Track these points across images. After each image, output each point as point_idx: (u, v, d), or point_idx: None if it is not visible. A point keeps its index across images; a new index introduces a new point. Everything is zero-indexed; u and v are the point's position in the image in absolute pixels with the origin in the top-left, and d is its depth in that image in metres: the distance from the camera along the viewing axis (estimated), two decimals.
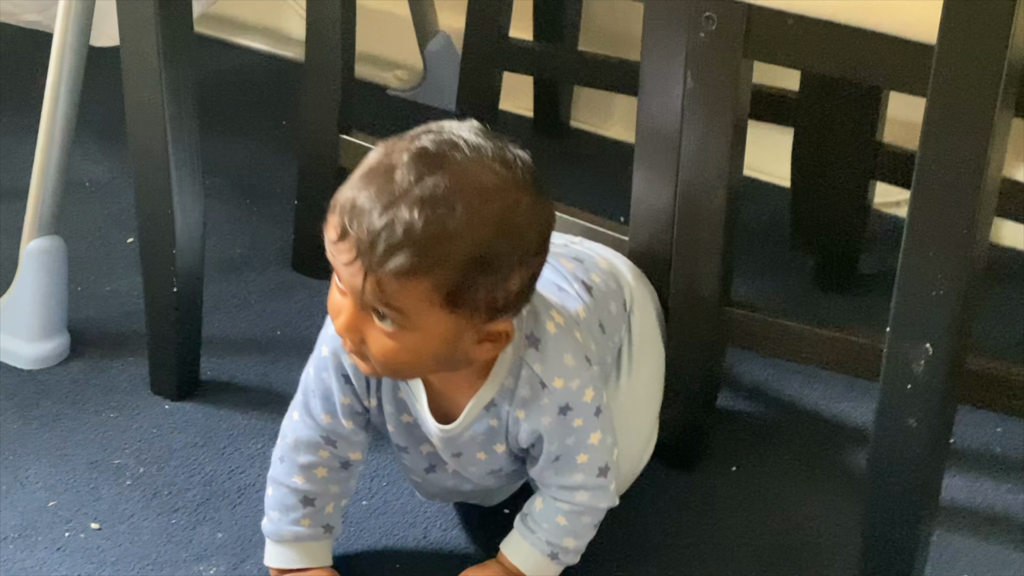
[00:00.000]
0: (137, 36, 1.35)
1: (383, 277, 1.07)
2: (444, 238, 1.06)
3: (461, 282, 1.08)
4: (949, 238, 1.08)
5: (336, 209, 1.09)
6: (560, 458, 1.21)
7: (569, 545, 1.26)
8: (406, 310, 1.09)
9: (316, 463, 1.25)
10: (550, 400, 1.18)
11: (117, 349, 1.55)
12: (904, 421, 1.15)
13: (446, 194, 1.06)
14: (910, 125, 1.68)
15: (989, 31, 1.02)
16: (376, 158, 1.10)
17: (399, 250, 1.06)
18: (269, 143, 1.93)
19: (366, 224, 1.06)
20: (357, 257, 1.07)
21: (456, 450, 1.23)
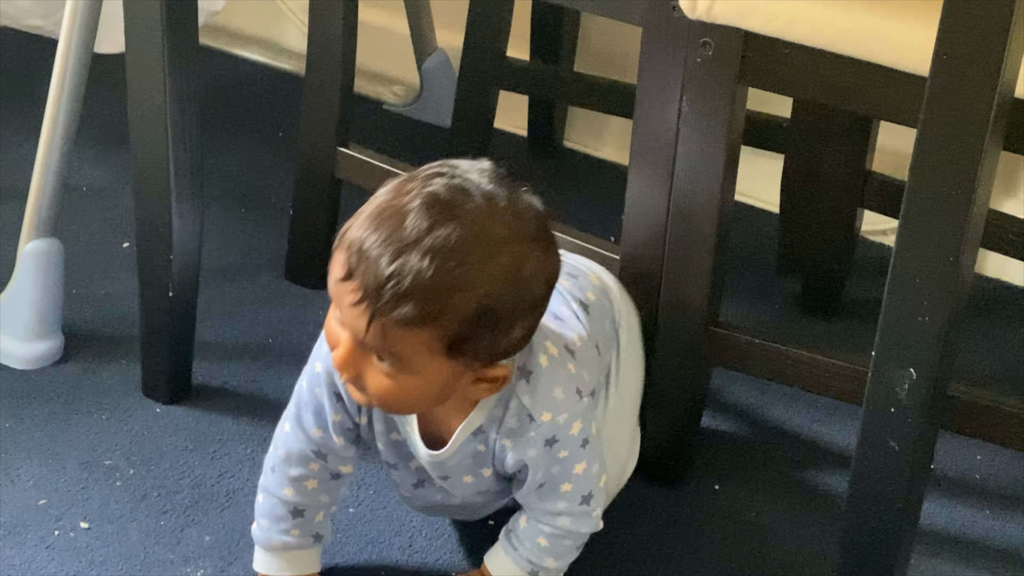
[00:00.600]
0: (143, 43, 1.37)
1: (387, 323, 1.07)
2: (452, 290, 1.07)
3: (465, 333, 1.09)
4: (935, 265, 1.10)
5: (344, 247, 1.09)
6: (544, 485, 1.22)
7: (550, 565, 1.27)
8: (406, 357, 1.09)
9: (306, 475, 1.26)
10: (536, 433, 1.19)
11: (110, 352, 1.56)
12: (886, 444, 1.17)
13: (457, 246, 1.06)
14: (899, 155, 1.71)
15: (981, 65, 1.04)
16: (387, 199, 1.10)
17: (406, 300, 1.06)
18: (265, 153, 1.95)
19: (374, 270, 1.06)
20: (362, 300, 1.07)
21: (444, 473, 1.24)
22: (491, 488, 1.26)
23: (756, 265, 1.78)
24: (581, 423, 1.20)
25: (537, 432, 1.19)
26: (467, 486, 1.25)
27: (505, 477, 1.25)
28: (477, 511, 1.34)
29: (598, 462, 1.24)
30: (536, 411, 1.18)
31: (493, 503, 1.32)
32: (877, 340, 1.15)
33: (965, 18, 1.04)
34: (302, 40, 2.12)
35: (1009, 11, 1.02)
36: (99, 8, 1.49)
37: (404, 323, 1.07)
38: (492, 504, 1.32)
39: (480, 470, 1.23)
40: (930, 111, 1.07)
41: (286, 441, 1.26)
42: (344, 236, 1.10)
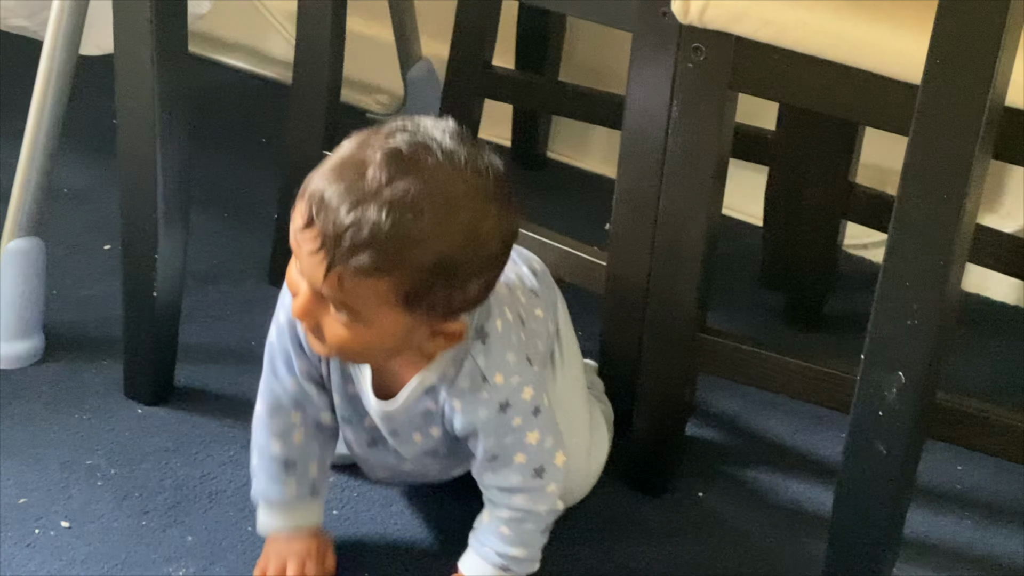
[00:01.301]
0: (132, 43, 1.36)
1: (344, 273, 1.09)
2: (408, 243, 1.08)
3: (420, 285, 1.10)
4: (926, 270, 1.11)
5: (305, 196, 1.11)
6: (498, 457, 1.22)
7: (518, 554, 1.26)
8: (361, 308, 1.11)
9: (291, 427, 1.27)
10: (489, 395, 1.20)
11: (91, 353, 1.55)
12: (874, 447, 1.18)
13: (415, 200, 1.08)
14: (882, 169, 1.72)
15: (973, 73, 1.05)
16: (349, 151, 1.11)
17: (363, 249, 1.08)
18: (249, 160, 1.95)
19: (333, 218, 1.08)
20: (320, 248, 1.09)
21: (393, 427, 1.25)
22: (440, 450, 1.27)
23: (739, 278, 1.79)
24: (533, 390, 1.21)
25: (490, 394, 1.20)
26: (417, 445, 1.26)
27: (455, 439, 1.25)
28: (431, 476, 1.33)
29: (551, 436, 1.24)
30: (489, 372, 1.19)
31: (448, 468, 1.31)
32: (867, 344, 1.15)
33: (957, 26, 1.05)
34: (286, 48, 2.13)
35: (1001, 19, 1.03)
36: (85, 9, 1.49)
37: (360, 273, 1.08)
38: (447, 470, 1.32)
39: (429, 429, 1.24)
40: (922, 118, 1.08)
41: (264, 396, 1.28)
42: (306, 186, 1.11)
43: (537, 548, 1.28)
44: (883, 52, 1.20)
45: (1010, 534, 1.45)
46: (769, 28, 1.23)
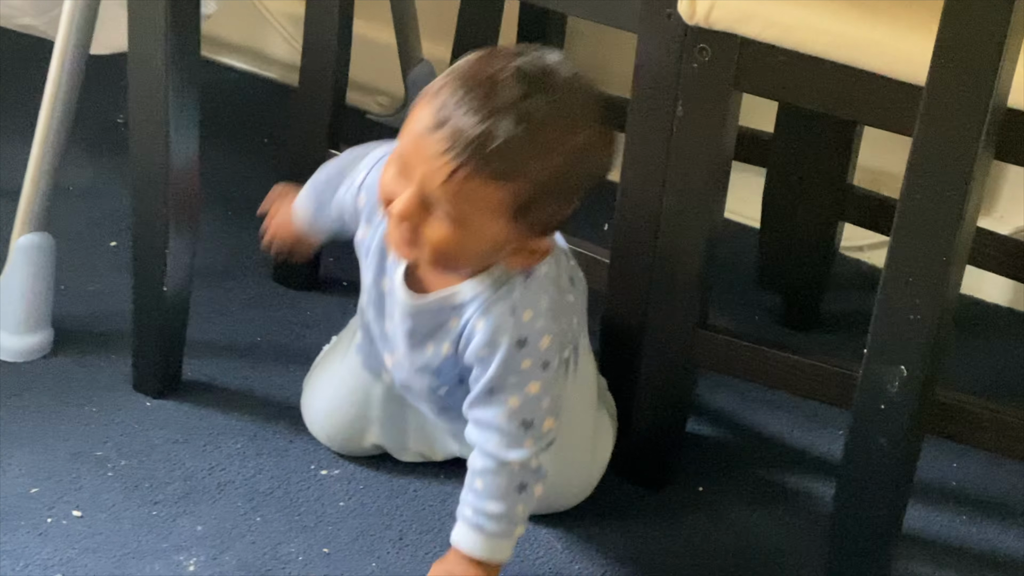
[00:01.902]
0: (146, 43, 1.38)
1: (468, 177, 1.15)
2: (534, 154, 1.16)
3: (533, 198, 1.17)
4: (928, 266, 1.14)
5: (434, 100, 1.16)
6: (494, 392, 1.25)
7: (493, 510, 1.25)
8: (471, 213, 1.17)
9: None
10: (513, 327, 1.24)
11: (100, 347, 1.57)
12: (875, 440, 1.20)
13: (544, 115, 1.16)
14: (879, 171, 1.75)
15: (976, 74, 1.08)
16: (475, 67, 1.17)
17: (493, 156, 1.14)
18: (251, 159, 1.96)
19: (468, 124, 1.14)
20: (449, 151, 1.14)
21: (412, 327, 1.28)
22: (441, 372, 1.30)
23: (735, 279, 1.81)
24: (551, 341, 1.25)
25: (514, 327, 1.24)
26: (424, 357, 1.29)
27: (455, 370, 1.28)
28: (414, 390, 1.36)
29: (550, 398, 1.26)
30: (521, 306, 1.24)
31: (431, 396, 1.34)
32: (869, 337, 1.18)
33: (962, 28, 1.08)
34: (287, 49, 2.16)
35: (1004, 22, 1.06)
36: (97, 7, 1.51)
37: (486, 178, 1.15)
38: (431, 396, 1.34)
39: (441, 345, 1.28)
40: (926, 118, 1.11)
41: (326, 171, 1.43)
42: (435, 91, 1.17)
43: (513, 506, 1.26)
44: (886, 53, 1.22)
45: (1004, 529, 1.47)
46: (774, 29, 1.26)
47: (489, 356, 1.24)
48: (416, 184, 1.17)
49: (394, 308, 1.30)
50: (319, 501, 1.40)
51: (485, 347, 1.24)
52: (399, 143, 1.20)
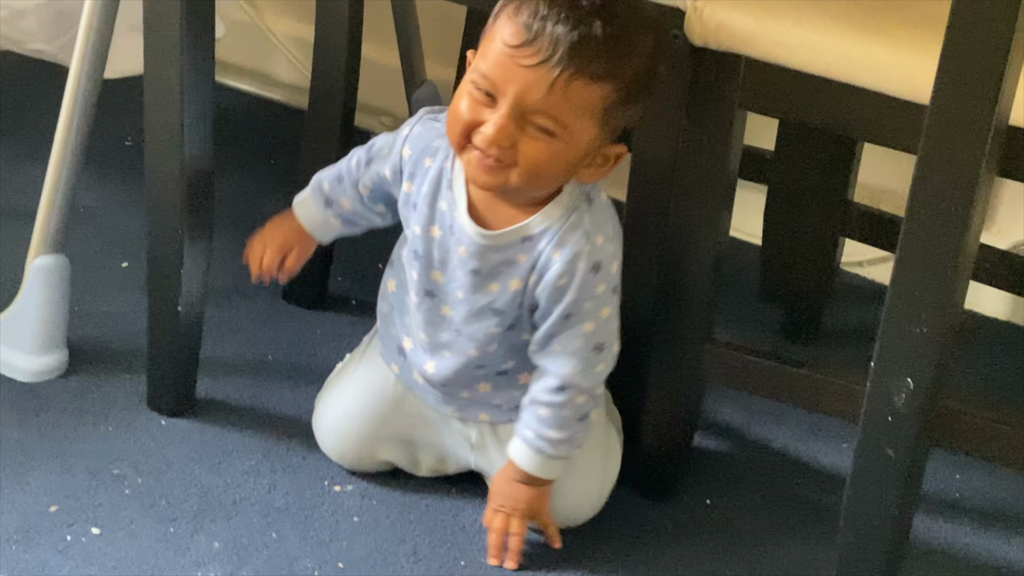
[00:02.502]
0: (161, 65, 1.41)
1: (569, 81, 1.21)
2: (626, 55, 1.23)
3: (622, 98, 1.25)
4: (934, 280, 1.16)
5: (516, 16, 1.22)
6: (571, 317, 1.31)
7: (555, 436, 1.33)
8: (569, 118, 1.23)
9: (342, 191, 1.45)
10: (590, 251, 1.30)
11: (114, 366, 1.59)
12: (883, 452, 1.22)
13: (624, 18, 1.23)
14: (878, 188, 1.78)
15: (979, 95, 1.10)
16: None
17: (592, 58, 1.21)
18: (257, 181, 1.98)
19: (563, 31, 1.20)
20: (550, 58, 1.20)
21: (478, 266, 1.32)
22: (503, 312, 1.33)
23: (738, 294, 1.83)
24: (617, 265, 1.32)
25: (591, 250, 1.30)
26: (488, 296, 1.33)
27: (516, 310, 1.33)
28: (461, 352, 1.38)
29: (616, 323, 1.34)
30: (593, 232, 1.30)
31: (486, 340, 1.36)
32: (876, 350, 1.20)
33: (965, 48, 1.10)
34: (292, 71, 2.18)
35: (1007, 42, 1.08)
36: (111, 31, 1.53)
37: (587, 80, 1.21)
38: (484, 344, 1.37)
39: (509, 281, 1.32)
40: (930, 136, 1.13)
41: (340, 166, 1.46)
42: (514, 10, 1.23)
43: (574, 434, 1.35)
44: (888, 72, 1.25)
45: (1007, 540, 1.50)
46: (778, 49, 1.28)
47: (567, 284, 1.29)
48: (511, 101, 1.22)
49: (451, 253, 1.33)
50: (333, 517, 1.42)
51: (564, 275, 1.30)
52: (478, 67, 1.25)
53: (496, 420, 1.42)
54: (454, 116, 1.27)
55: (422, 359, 1.40)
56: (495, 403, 1.41)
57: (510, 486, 1.37)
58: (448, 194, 1.33)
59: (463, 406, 1.41)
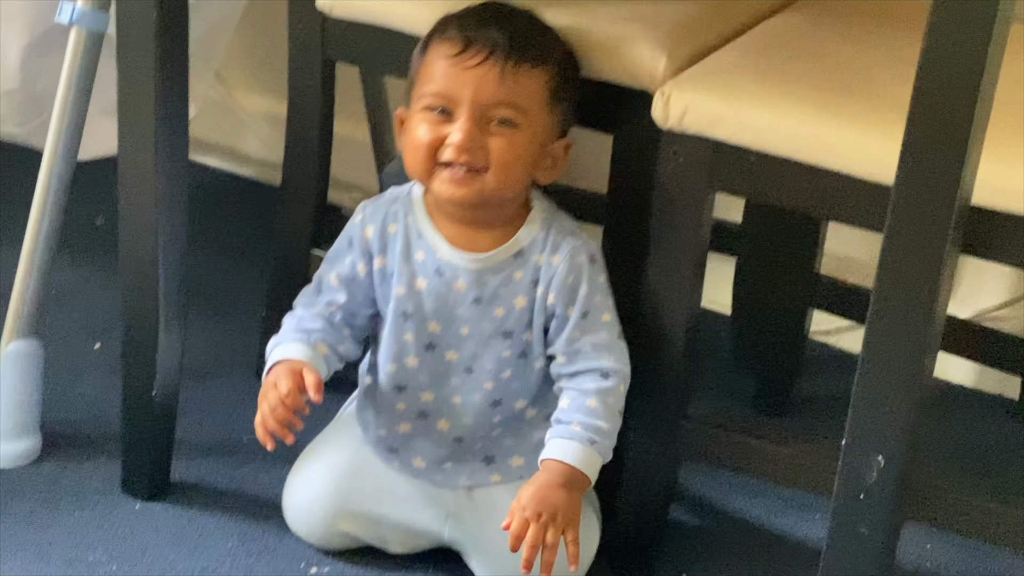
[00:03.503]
0: (135, 148, 1.42)
1: (518, 68, 1.31)
2: (553, 42, 1.35)
3: (560, 83, 1.34)
4: (902, 357, 1.18)
5: (449, 32, 1.33)
6: (588, 314, 1.35)
7: (604, 426, 1.34)
8: (526, 104, 1.32)
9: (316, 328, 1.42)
10: (583, 246, 1.36)
11: (87, 450, 1.59)
12: (856, 529, 1.24)
13: (537, 20, 1.36)
14: (845, 259, 1.80)
15: (941, 178, 1.13)
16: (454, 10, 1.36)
17: (529, 45, 1.32)
18: (230, 257, 1.99)
19: (494, 33, 1.31)
20: (491, 55, 1.30)
21: (477, 294, 1.35)
22: (511, 329, 1.36)
23: (709, 364, 1.84)
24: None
25: (583, 244, 1.37)
26: (492, 323, 1.36)
27: (525, 329, 1.36)
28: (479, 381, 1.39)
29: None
30: (575, 229, 1.39)
31: (500, 367, 1.39)
32: (847, 429, 1.22)
33: (927, 132, 1.12)
34: (263, 147, 2.19)
35: (967, 126, 1.11)
36: (85, 114, 1.55)
37: (530, 64, 1.32)
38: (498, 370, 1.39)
39: (514, 299, 1.36)
40: (895, 218, 1.15)
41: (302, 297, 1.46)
42: (442, 33, 1.34)
43: (615, 426, 1.37)
44: (851, 154, 1.28)
45: None
46: (745, 132, 1.31)
47: (577, 280, 1.35)
48: (469, 104, 1.31)
49: (447, 295, 1.37)
50: None
51: (570, 273, 1.35)
52: (424, 92, 1.33)
53: (476, 483, 1.42)
54: (415, 145, 1.33)
55: (431, 426, 1.41)
56: (504, 448, 1.42)
57: (549, 490, 1.30)
58: (421, 243, 1.37)
59: (456, 471, 1.41)
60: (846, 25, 1.50)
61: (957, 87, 1.09)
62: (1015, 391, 1.80)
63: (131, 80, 1.40)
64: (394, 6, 1.49)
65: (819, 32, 1.48)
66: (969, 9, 1.07)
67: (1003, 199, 1.23)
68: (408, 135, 1.35)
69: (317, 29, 1.56)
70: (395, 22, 1.50)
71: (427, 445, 1.43)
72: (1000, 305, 1.85)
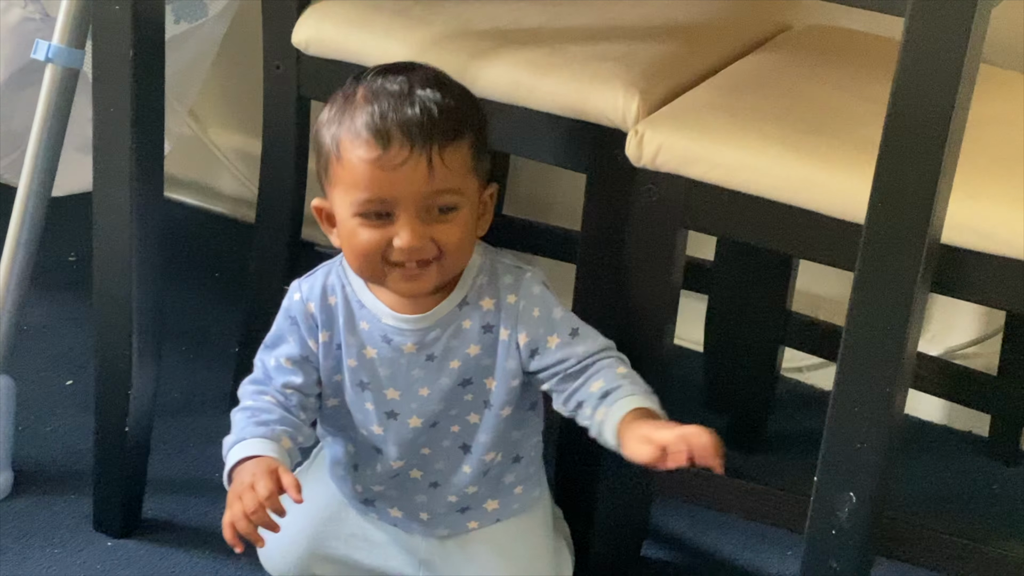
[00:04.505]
0: (111, 186, 1.42)
1: (444, 149, 1.24)
2: (463, 105, 1.28)
3: (478, 147, 1.28)
4: (873, 395, 1.19)
5: (357, 130, 1.24)
6: (577, 330, 1.33)
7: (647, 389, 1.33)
8: (459, 183, 1.26)
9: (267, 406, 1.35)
10: (532, 276, 1.34)
11: (59, 487, 1.58)
12: (828, 565, 1.24)
13: (435, 78, 1.28)
14: (815, 296, 1.82)
15: (911, 218, 1.14)
16: (353, 93, 1.27)
17: (445, 119, 1.25)
18: (203, 294, 1.99)
19: (406, 122, 1.23)
20: (412, 148, 1.23)
21: (432, 351, 1.32)
22: (471, 378, 1.33)
23: (682, 401, 1.85)
24: None
25: (532, 275, 1.34)
26: (453, 373, 1.33)
27: (484, 374, 1.33)
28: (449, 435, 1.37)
29: None
30: (517, 263, 1.35)
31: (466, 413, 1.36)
32: (819, 466, 1.23)
33: (896, 173, 1.14)
34: (236, 184, 2.20)
35: (936, 167, 1.12)
36: (59, 151, 1.55)
37: (453, 140, 1.25)
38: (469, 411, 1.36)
39: (466, 348, 1.33)
40: (866, 258, 1.17)
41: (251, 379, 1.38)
42: (352, 131, 1.25)
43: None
44: (823, 193, 1.29)
45: None
46: (718, 171, 1.32)
47: (545, 311, 1.33)
48: (409, 203, 1.25)
49: (398, 360, 1.33)
50: None
51: (534, 307, 1.33)
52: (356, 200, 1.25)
53: (454, 532, 1.42)
54: (359, 252, 1.28)
55: (404, 480, 1.39)
56: (479, 497, 1.40)
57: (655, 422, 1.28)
58: (364, 312, 1.34)
59: (434, 523, 1.41)
60: (818, 65, 1.52)
61: (927, 127, 1.11)
62: (984, 428, 1.82)
63: (106, 117, 1.40)
64: (369, 43, 1.51)
65: (791, 72, 1.49)
66: (938, 50, 1.09)
67: (973, 238, 1.24)
68: (348, 240, 1.28)
69: (292, 67, 1.57)
70: (371, 60, 1.50)
71: (403, 497, 1.41)
72: (970, 343, 1.87)
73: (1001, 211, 1.25)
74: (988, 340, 1.84)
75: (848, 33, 1.63)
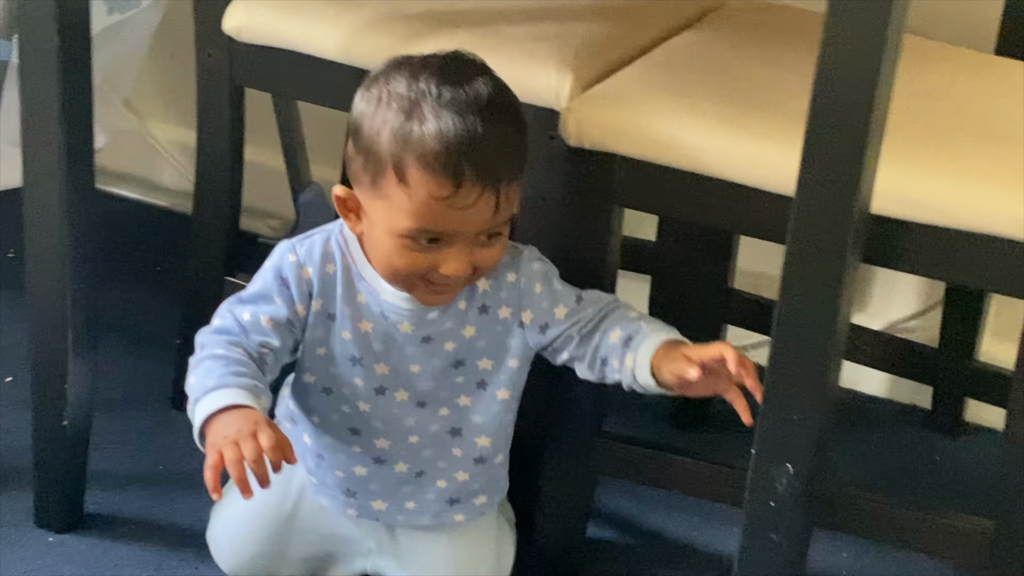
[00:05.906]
0: (41, 179, 1.41)
1: (509, 190, 1.23)
2: (522, 134, 1.25)
3: (525, 170, 1.26)
4: (807, 366, 1.19)
5: (434, 170, 1.20)
6: (580, 297, 1.33)
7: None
8: (513, 213, 1.26)
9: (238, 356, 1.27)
10: (529, 252, 1.34)
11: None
12: (767, 537, 1.25)
13: (498, 92, 1.24)
14: (757, 274, 1.82)
15: (840, 187, 1.14)
16: (416, 101, 1.22)
17: (512, 160, 1.24)
18: (144, 288, 1.98)
19: (480, 161, 1.20)
20: (484, 190, 1.21)
21: (428, 332, 1.31)
22: (464, 359, 1.33)
23: None
24: None
25: (528, 252, 1.34)
26: (447, 355, 1.32)
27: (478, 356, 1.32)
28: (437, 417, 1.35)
29: None
30: (513, 242, 1.34)
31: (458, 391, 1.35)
32: (756, 438, 1.23)
33: (824, 143, 1.14)
34: (176, 177, 2.18)
35: (864, 134, 1.13)
36: None
37: (518, 175, 1.25)
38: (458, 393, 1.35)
39: (459, 331, 1.32)
40: (796, 228, 1.17)
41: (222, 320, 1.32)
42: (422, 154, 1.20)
43: None
44: (755, 166, 1.29)
45: None
46: (652, 148, 1.32)
47: (544, 282, 1.33)
48: (465, 238, 1.23)
49: (393, 337, 1.31)
50: None
51: (536, 280, 1.33)
52: (410, 228, 1.22)
53: (439, 522, 1.40)
54: (396, 270, 1.26)
55: (388, 471, 1.37)
56: (471, 491, 1.39)
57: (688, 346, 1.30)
58: (364, 285, 1.31)
59: (420, 511, 1.39)
60: (750, 41, 1.52)
61: (852, 97, 1.11)
62: (927, 401, 1.83)
63: (34, 110, 1.39)
64: (302, 30, 1.50)
65: (724, 48, 1.50)
66: (861, 21, 1.09)
67: (904, 207, 1.25)
68: (384, 253, 1.26)
69: (224, 55, 1.56)
70: (305, 47, 1.50)
71: (386, 489, 1.38)
72: (911, 316, 1.88)
73: (931, 181, 1.26)
74: (928, 313, 1.86)
75: (780, 8, 1.63)
